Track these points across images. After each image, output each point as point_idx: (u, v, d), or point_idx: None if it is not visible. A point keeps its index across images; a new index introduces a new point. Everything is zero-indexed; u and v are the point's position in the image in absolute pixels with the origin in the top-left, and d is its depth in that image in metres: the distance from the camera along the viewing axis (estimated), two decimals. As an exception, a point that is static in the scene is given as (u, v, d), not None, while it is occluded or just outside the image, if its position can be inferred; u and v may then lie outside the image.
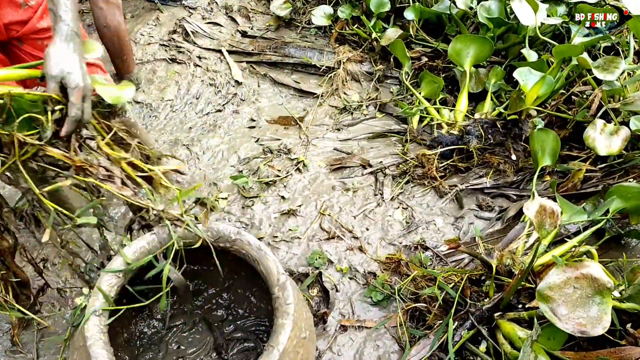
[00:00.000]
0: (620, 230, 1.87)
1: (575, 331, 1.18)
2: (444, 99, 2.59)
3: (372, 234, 2.03)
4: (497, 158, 2.22)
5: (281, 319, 1.31)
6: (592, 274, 1.24)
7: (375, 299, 1.79)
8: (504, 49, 2.65)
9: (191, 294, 1.72)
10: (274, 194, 2.21)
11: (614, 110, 2.09)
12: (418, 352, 1.58)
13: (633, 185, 1.76)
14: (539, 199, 1.38)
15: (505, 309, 1.57)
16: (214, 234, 1.45)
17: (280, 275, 1.37)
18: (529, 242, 1.75)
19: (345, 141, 2.49)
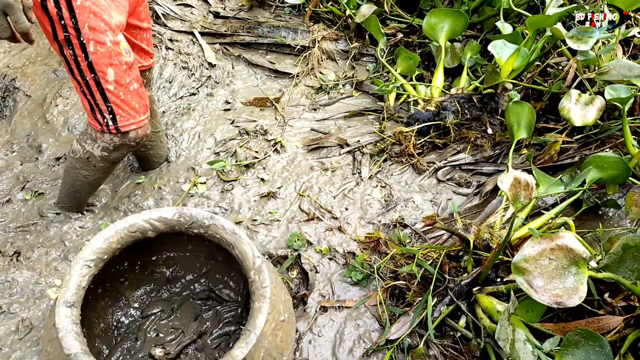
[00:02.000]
0: (597, 200, 1.87)
1: (552, 302, 1.18)
2: (420, 75, 2.57)
3: (352, 214, 2.02)
4: (474, 133, 2.21)
5: (258, 303, 1.29)
6: (567, 245, 1.23)
7: (355, 278, 1.78)
8: (479, 23, 2.63)
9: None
10: (253, 176, 2.18)
11: (590, 80, 2.08)
12: (398, 330, 1.58)
13: (609, 155, 1.76)
14: (513, 172, 1.37)
15: (483, 283, 1.57)
16: (187, 220, 1.42)
17: (255, 259, 1.35)
18: (507, 216, 1.75)
19: (322, 121, 2.46)
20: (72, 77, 1.51)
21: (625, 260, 1.30)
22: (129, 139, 1.62)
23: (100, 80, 1.48)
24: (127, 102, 1.54)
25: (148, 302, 1.69)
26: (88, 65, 1.45)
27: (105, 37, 1.42)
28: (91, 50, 1.42)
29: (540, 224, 1.72)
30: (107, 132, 1.58)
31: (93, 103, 1.53)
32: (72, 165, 1.80)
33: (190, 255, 1.72)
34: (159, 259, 1.71)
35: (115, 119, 1.55)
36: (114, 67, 1.47)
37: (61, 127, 2.49)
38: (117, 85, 1.50)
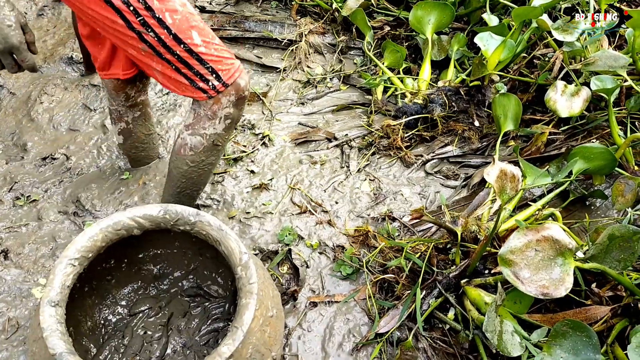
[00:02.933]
0: (584, 191, 1.88)
1: (538, 294, 1.18)
2: (407, 68, 2.56)
3: (341, 207, 2.01)
4: (462, 125, 2.21)
5: (245, 299, 1.29)
6: (553, 236, 1.24)
7: (345, 272, 1.77)
8: (466, 15, 2.62)
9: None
10: (242, 169, 2.17)
11: (576, 71, 2.08)
12: (387, 323, 1.58)
13: (595, 145, 1.76)
14: (500, 164, 1.37)
15: (471, 275, 1.58)
16: (172, 217, 1.41)
17: (242, 255, 1.34)
18: (494, 208, 1.76)
19: (310, 115, 2.45)
20: (160, 60, 1.41)
21: (612, 251, 1.31)
22: (241, 89, 1.51)
23: (190, 48, 1.39)
24: (220, 55, 1.45)
25: (136, 299, 1.68)
26: (174, 38, 1.37)
27: (173, 2, 1.36)
28: (169, 22, 1.35)
29: (527, 215, 1.72)
30: (217, 93, 1.47)
31: (192, 73, 1.44)
32: (195, 162, 1.66)
33: (178, 252, 1.71)
34: (146, 256, 1.70)
35: (219, 75, 1.45)
36: (195, 29, 1.40)
37: (46, 124, 2.47)
38: (206, 43, 1.42)
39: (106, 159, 2.30)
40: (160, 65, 1.44)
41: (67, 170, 2.25)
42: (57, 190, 2.16)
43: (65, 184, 2.19)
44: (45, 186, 2.18)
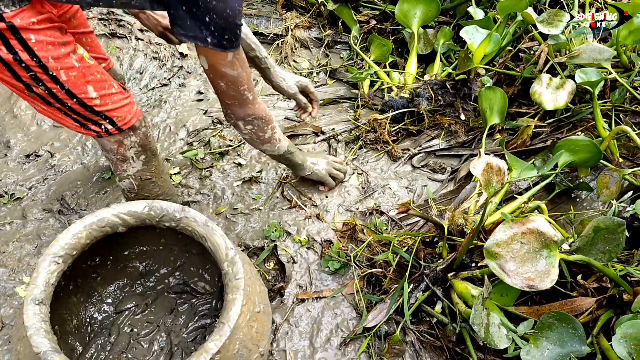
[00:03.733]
0: (570, 183, 1.89)
1: (524, 286, 1.18)
2: (394, 62, 2.56)
3: (331, 201, 2.01)
4: (448, 119, 2.21)
5: (231, 295, 1.28)
6: (538, 228, 1.24)
7: (333, 268, 1.77)
8: (452, 9, 2.62)
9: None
10: (229, 162, 2.16)
11: (561, 64, 2.09)
12: (375, 317, 1.58)
13: (580, 138, 1.77)
14: (486, 157, 1.37)
15: (458, 268, 1.58)
16: (157, 213, 1.40)
17: (228, 250, 1.34)
18: (480, 201, 1.76)
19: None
20: (50, 107, 1.42)
21: (597, 242, 1.32)
22: (137, 130, 1.56)
23: (84, 101, 1.41)
24: (116, 105, 1.48)
25: (122, 297, 1.67)
26: (67, 93, 1.37)
27: (70, 59, 1.34)
28: (64, 79, 1.34)
29: (514, 208, 1.73)
30: (109, 135, 1.51)
31: (84, 120, 1.46)
32: (144, 197, 1.73)
33: (164, 248, 1.70)
34: (132, 253, 1.68)
35: (114, 121, 1.49)
36: (91, 83, 1.40)
37: (30, 121, 2.44)
38: (101, 96, 1.43)
39: (91, 156, 2.28)
40: (49, 112, 1.45)
41: (51, 167, 2.23)
42: (42, 187, 2.14)
43: (49, 181, 2.17)
44: (29, 184, 2.15)
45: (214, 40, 1.31)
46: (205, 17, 1.26)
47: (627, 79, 2.03)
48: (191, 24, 1.29)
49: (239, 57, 1.43)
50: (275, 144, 1.74)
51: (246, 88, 1.51)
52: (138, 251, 1.69)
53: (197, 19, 1.27)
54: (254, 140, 1.69)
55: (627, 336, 1.08)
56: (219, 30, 1.29)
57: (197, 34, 1.30)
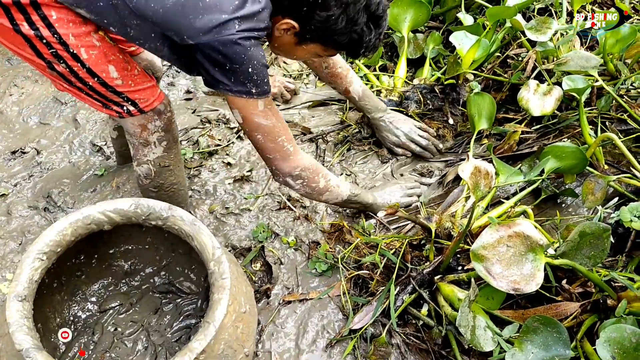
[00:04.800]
0: (556, 189, 1.90)
1: (510, 289, 1.19)
2: (384, 65, 2.57)
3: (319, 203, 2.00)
4: (437, 123, 2.22)
5: (217, 294, 1.27)
6: (524, 232, 1.25)
7: (320, 269, 1.77)
8: (442, 14, 2.64)
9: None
10: (218, 161, 2.16)
11: (548, 71, 2.11)
12: (361, 319, 1.58)
13: (567, 145, 1.79)
14: (474, 161, 1.38)
15: (445, 271, 1.58)
16: (144, 211, 1.39)
17: (215, 250, 1.33)
18: (468, 205, 1.77)
19: (286, 110, 2.43)
20: (71, 87, 1.43)
21: (582, 247, 1.33)
22: (162, 114, 1.56)
23: (105, 81, 1.41)
24: (138, 86, 1.48)
25: (106, 296, 1.65)
26: (88, 72, 1.37)
27: (91, 38, 1.34)
28: (85, 57, 1.34)
29: (500, 212, 1.74)
30: (130, 115, 1.51)
31: (105, 100, 1.47)
32: (158, 187, 1.74)
33: (150, 247, 1.69)
34: (117, 251, 1.67)
35: (136, 103, 1.49)
36: (113, 62, 1.40)
37: (16, 117, 2.42)
38: (123, 76, 1.43)
39: (79, 155, 2.26)
40: (72, 91, 1.46)
41: (37, 164, 2.20)
42: (27, 185, 2.12)
43: (35, 178, 2.14)
44: (14, 180, 2.13)
45: (239, 87, 1.36)
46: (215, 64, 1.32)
47: (613, 86, 2.05)
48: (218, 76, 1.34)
49: (271, 106, 1.46)
50: (334, 191, 1.71)
51: (285, 139, 1.52)
52: (123, 250, 1.67)
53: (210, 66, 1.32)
54: (311, 193, 1.68)
55: (610, 340, 1.09)
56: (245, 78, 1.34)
57: (212, 82, 1.36)
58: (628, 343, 1.07)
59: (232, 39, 1.27)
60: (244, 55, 1.30)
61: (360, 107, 2.13)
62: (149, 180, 1.71)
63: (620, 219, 1.60)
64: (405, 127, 2.13)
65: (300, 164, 1.58)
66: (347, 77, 2.04)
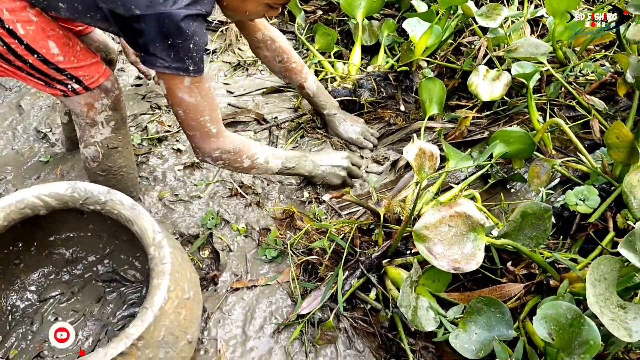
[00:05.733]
0: (505, 174, 1.92)
1: (450, 268, 1.19)
2: (339, 52, 2.55)
3: (272, 189, 1.98)
4: (389, 112, 2.22)
5: (157, 279, 1.24)
6: (465, 212, 1.25)
7: (270, 256, 1.74)
8: (397, 1, 2.64)
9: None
10: (167, 148, 2.11)
11: (499, 58, 2.13)
12: (309, 304, 1.56)
13: (514, 130, 1.80)
14: (419, 142, 1.38)
15: (393, 255, 1.58)
16: (81, 195, 1.34)
17: (156, 234, 1.29)
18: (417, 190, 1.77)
19: (240, 97, 2.40)
20: (10, 67, 1.37)
21: (525, 228, 1.34)
22: (110, 91, 1.52)
23: (46, 58, 1.36)
24: (81, 62, 1.43)
25: (46, 285, 1.59)
26: (26, 48, 1.32)
27: (27, 13, 1.29)
28: (22, 32, 1.29)
29: (450, 197, 1.74)
30: (76, 94, 1.47)
31: (47, 79, 1.41)
32: (106, 170, 1.69)
33: (92, 235, 1.63)
34: (58, 239, 1.61)
35: (80, 80, 1.44)
36: (53, 38, 1.35)
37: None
38: (64, 52, 1.38)
39: (23, 142, 2.18)
40: (11, 73, 1.41)
41: (-23, 151, 2.12)
42: (-34, 172, 2.03)
43: (-25, 165, 2.06)
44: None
45: (177, 64, 1.33)
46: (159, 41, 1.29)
47: (562, 73, 2.08)
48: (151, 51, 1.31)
49: (200, 84, 1.43)
50: (261, 168, 1.71)
51: (208, 119, 1.49)
52: (64, 237, 1.62)
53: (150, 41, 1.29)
54: (236, 171, 1.69)
55: (547, 317, 1.10)
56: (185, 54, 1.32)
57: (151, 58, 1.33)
58: (564, 319, 1.08)
59: (179, 12, 1.25)
60: (188, 31, 1.28)
61: (315, 104, 2.13)
62: (97, 163, 1.67)
63: (566, 202, 1.63)
64: (357, 127, 2.14)
65: (221, 147, 1.56)
66: (301, 73, 2.03)
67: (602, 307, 1.04)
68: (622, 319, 1.05)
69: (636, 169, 1.36)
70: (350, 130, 2.13)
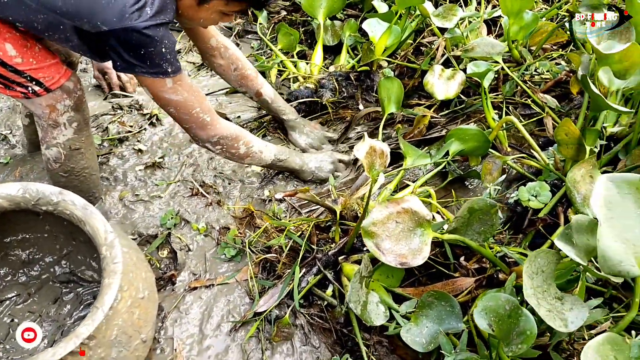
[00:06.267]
0: (461, 171, 1.95)
1: (397, 263, 1.21)
2: (302, 52, 2.57)
3: (233, 188, 1.98)
4: (350, 112, 2.25)
5: (108, 279, 1.24)
6: (412, 208, 1.28)
7: (229, 254, 1.76)
8: (360, 2, 2.67)
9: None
10: (129, 148, 2.11)
11: (457, 57, 2.17)
12: (266, 302, 1.58)
13: (470, 127, 1.84)
14: (369, 141, 1.40)
15: (349, 252, 1.60)
16: (33, 196, 1.34)
17: (108, 234, 1.30)
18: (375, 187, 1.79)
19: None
20: None
21: (473, 223, 1.37)
22: (72, 92, 1.53)
23: (3, 60, 1.35)
24: (41, 64, 1.43)
25: (2, 286, 1.59)
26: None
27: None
28: None
29: (407, 194, 1.77)
30: (36, 96, 1.46)
31: (6, 82, 1.41)
32: (68, 172, 1.69)
33: (49, 236, 1.63)
34: (13, 240, 1.60)
35: (41, 82, 1.44)
36: (9, 40, 1.35)
37: None
38: (23, 54, 1.38)
39: (-19, 143, 2.16)
40: None
41: None
42: None
43: None
44: None
45: (156, 69, 1.40)
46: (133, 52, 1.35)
47: (517, 72, 2.13)
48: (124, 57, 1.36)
49: (181, 81, 1.49)
50: (255, 157, 1.78)
51: (200, 110, 1.57)
52: (20, 238, 1.61)
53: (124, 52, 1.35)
54: (231, 157, 1.75)
55: (487, 308, 1.13)
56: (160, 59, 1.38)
57: (128, 66, 1.39)
58: (502, 310, 1.11)
59: (145, 24, 1.31)
60: (157, 38, 1.34)
61: (274, 110, 2.14)
62: (59, 164, 1.66)
63: (519, 198, 1.67)
64: (318, 132, 2.18)
65: (218, 133, 1.65)
66: (257, 79, 2.05)
67: (540, 299, 1.08)
68: (558, 310, 1.08)
69: (579, 165, 1.40)
70: (309, 138, 2.16)
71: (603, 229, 1.00)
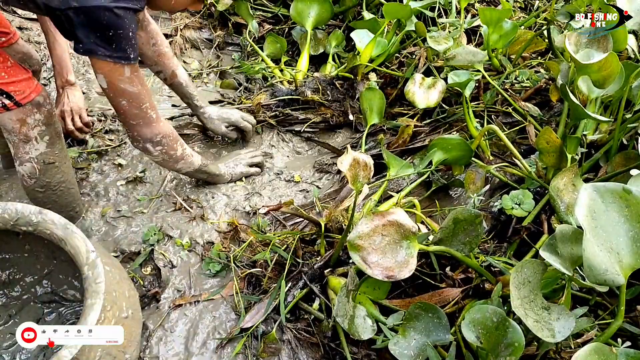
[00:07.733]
0: (445, 181, 1.96)
1: (384, 277, 1.21)
2: (288, 62, 2.57)
3: (218, 202, 1.96)
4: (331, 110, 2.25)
5: (90, 299, 1.22)
6: (398, 220, 1.28)
7: (214, 270, 1.74)
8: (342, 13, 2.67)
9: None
10: (108, 163, 2.08)
11: (438, 67, 2.18)
12: (253, 317, 1.56)
13: (452, 137, 1.85)
14: (353, 153, 1.40)
15: (335, 265, 1.60)
16: (12, 216, 1.31)
17: (89, 254, 1.27)
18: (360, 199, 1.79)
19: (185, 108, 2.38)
20: None
21: (458, 234, 1.37)
22: (42, 106, 1.51)
23: None
24: (12, 78, 1.41)
25: (-19, 308, 1.55)
26: None
27: None
28: None
29: (391, 205, 1.77)
30: (6, 110, 1.44)
31: None
32: (44, 187, 1.65)
33: (29, 255, 1.59)
34: (-8, 261, 1.57)
35: (11, 95, 1.42)
36: None
37: None
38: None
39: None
40: None
41: None
42: None
43: None
44: None
45: (120, 53, 1.38)
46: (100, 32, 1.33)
47: (498, 80, 2.15)
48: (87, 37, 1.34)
49: (138, 73, 1.48)
50: (188, 160, 1.78)
51: (148, 106, 1.55)
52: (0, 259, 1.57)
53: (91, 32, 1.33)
54: (168, 160, 1.72)
55: (474, 321, 1.13)
56: (126, 44, 1.37)
57: (92, 47, 1.36)
58: (490, 323, 1.11)
59: (118, 4, 1.31)
60: (126, 20, 1.34)
61: (186, 94, 2.07)
62: (34, 179, 1.64)
63: (503, 206, 1.68)
64: (235, 112, 2.17)
65: (162, 131, 1.63)
66: (173, 59, 2.01)
67: (527, 310, 1.08)
68: (545, 320, 1.08)
69: (561, 173, 1.41)
70: (230, 115, 2.15)
71: (588, 238, 1.00)
